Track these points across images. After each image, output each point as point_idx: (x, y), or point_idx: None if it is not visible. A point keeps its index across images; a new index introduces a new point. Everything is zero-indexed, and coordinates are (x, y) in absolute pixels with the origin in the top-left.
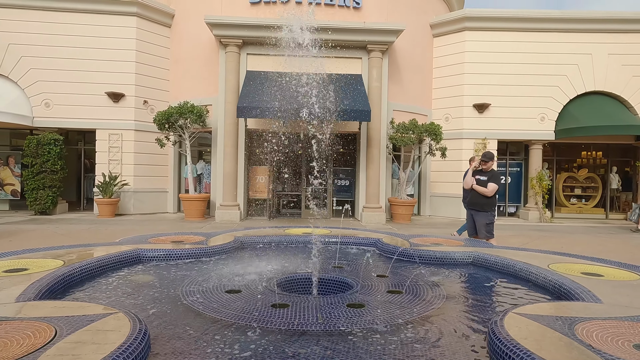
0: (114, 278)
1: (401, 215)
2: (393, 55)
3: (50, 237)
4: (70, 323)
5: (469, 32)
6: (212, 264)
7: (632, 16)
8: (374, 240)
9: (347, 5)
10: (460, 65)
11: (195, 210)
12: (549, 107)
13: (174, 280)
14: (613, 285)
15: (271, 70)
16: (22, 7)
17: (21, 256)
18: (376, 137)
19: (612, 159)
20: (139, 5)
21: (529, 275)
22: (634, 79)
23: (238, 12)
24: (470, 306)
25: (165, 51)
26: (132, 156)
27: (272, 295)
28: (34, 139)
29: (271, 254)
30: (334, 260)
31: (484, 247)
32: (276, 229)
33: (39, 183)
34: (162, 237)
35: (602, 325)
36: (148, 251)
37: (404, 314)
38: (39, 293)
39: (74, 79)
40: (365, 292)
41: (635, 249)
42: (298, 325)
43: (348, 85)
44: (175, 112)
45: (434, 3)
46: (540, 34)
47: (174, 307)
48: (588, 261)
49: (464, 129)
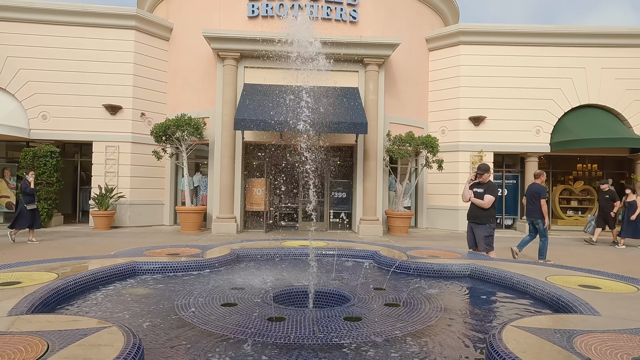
0: (109, 291)
1: (398, 228)
2: (389, 69)
3: (45, 250)
4: (63, 337)
5: (464, 46)
6: (208, 276)
7: (624, 31)
8: (371, 252)
9: (344, 19)
10: (455, 78)
11: (191, 222)
12: (544, 120)
13: (169, 294)
14: (611, 298)
15: (268, 83)
16: (21, 20)
17: (14, 269)
18: (373, 150)
19: (608, 171)
20: (137, 19)
21: (526, 288)
22: (628, 92)
23: (236, 25)
24: (468, 319)
25: (163, 64)
26: (128, 168)
27: (269, 309)
28: (30, 151)
29: (268, 267)
30: (331, 273)
31: (481, 259)
32: (273, 242)
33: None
34: (157, 249)
35: (601, 338)
36: (143, 264)
37: (402, 327)
38: (31, 306)
39: (71, 92)
40: (363, 305)
41: (632, 261)
42: (295, 338)
43: (345, 98)
44: (172, 124)
45: (430, 17)
46: (535, 48)
47: (169, 321)
48: (585, 273)
49: (460, 142)
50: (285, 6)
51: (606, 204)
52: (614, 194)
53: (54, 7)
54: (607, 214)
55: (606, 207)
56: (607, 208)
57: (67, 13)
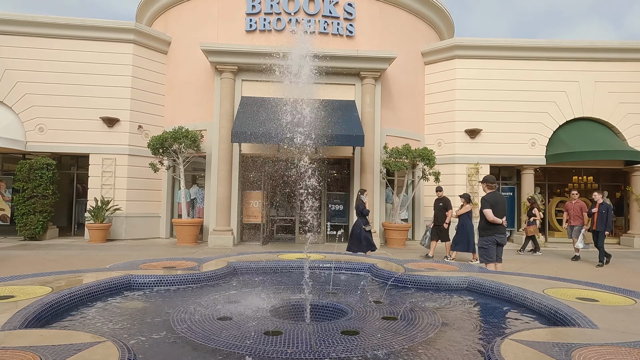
0: (104, 305)
1: (395, 240)
2: (385, 82)
3: (39, 263)
4: (57, 352)
5: (460, 60)
6: (204, 290)
7: (617, 45)
8: (369, 265)
9: (341, 33)
10: (451, 91)
11: (188, 235)
12: (539, 133)
13: (165, 307)
14: (608, 310)
15: (266, 96)
16: (20, 33)
17: (8, 283)
18: (370, 162)
19: (603, 184)
20: (136, 32)
21: (524, 301)
22: (621, 105)
23: (233, 39)
24: (465, 332)
25: (161, 77)
26: (125, 181)
27: (265, 323)
28: (26, 164)
29: (264, 280)
30: (328, 286)
31: (478, 272)
32: (270, 254)
33: (30, 208)
34: (153, 262)
35: (599, 351)
36: (139, 277)
37: (400, 341)
38: (25, 321)
39: (69, 104)
40: (360, 319)
41: (629, 273)
42: (292, 353)
43: (342, 111)
44: (169, 136)
45: (425, 32)
46: (529, 62)
47: (165, 335)
48: (583, 286)
49: (457, 154)
50: (282, 20)
51: (439, 212)
52: (447, 203)
53: (53, 21)
54: (441, 225)
55: (440, 216)
56: (440, 218)
57: (66, 27)
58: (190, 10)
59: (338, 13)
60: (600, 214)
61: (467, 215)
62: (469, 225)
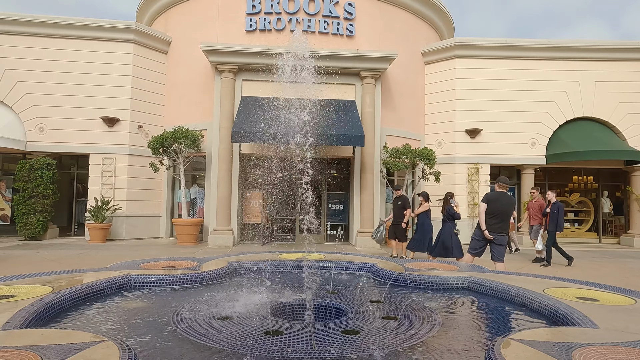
0: (104, 305)
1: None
2: (386, 82)
3: (40, 263)
4: (57, 352)
5: (460, 60)
6: (204, 289)
7: (616, 45)
8: (369, 265)
9: (341, 33)
10: (451, 91)
11: (188, 235)
12: (540, 133)
13: (165, 307)
14: (609, 310)
15: (266, 96)
16: (20, 33)
17: (8, 282)
18: (370, 162)
19: (603, 184)
20: (136, 32)
21: (524, 300)
22: (621, 105)
23: (234, 39)
24: (466, 332)
25: (161, 77)
26: (125, 180)
27: (266, 322)
28: (26, 164)
29: (265, 280)
30: (328, 286)
31: (478, 271)
32: (270, 254)
33: (30, 208)
34: (153, 262)
35: (599, 351)
36: (139, 277)
37: (400, 341)
38: (25, 320)
39: (69, 104)
40: (360, 318)
41: (630, 273)
42: (292, 353)
43: (342, 111)
44: (169, 136)
45: (425, 31)
46: (529, 62)
47: (165, 334)
48: (583, 286)
49: (457, 154)
50: (282, 20)
51: (398, 211)
52: (406, 201)
53: (53, 21)
54: (399, 224)
55: (398, 215)
56: (399, 217)
57: (66, 26)
58: (190, 10)
59: (338, 13)
60: (552, 214)
61: (426, 215)
62: (427, 224)
